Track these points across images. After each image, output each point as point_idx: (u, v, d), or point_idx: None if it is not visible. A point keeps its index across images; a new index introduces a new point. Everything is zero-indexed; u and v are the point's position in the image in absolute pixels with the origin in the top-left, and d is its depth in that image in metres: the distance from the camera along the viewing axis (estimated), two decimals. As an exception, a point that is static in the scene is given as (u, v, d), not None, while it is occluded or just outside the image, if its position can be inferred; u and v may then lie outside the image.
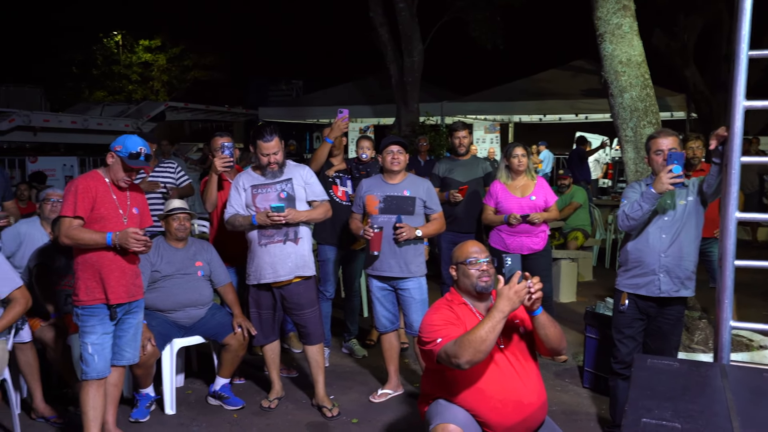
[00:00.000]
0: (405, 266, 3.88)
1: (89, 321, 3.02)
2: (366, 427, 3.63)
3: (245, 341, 3.86)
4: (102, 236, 2.92)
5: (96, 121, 12.81)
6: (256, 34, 23.67)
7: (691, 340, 4.38)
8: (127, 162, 2.97)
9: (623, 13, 4.45)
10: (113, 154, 3.01)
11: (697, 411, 2.01)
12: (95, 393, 3.03)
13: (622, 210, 3.34)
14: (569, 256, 6.84)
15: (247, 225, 3.63)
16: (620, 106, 4.49)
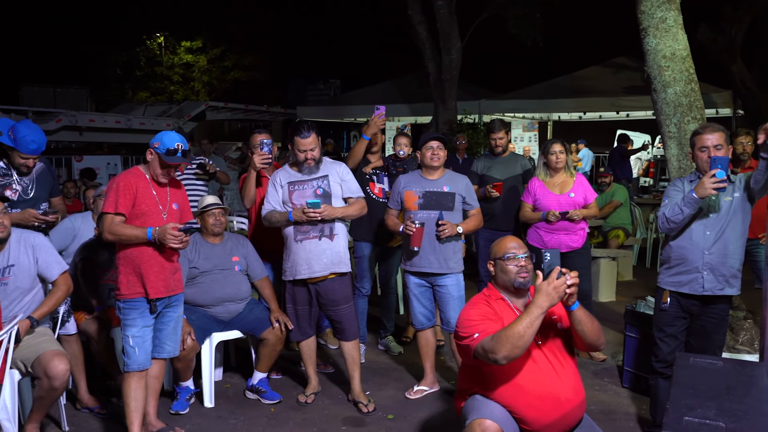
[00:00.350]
0: (444, 262, 3.86)
1: (130, 314, 3.07)
2: (401, 423, 3.61)
3: (282, 336, 3.86)
4: (143, 231, 2.96)
5: (139, 120, 13.11)
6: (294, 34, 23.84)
7: (735, 341, 4.29)
8: (165, 158, 3.00)
9: (668, 6, 4.37)
10: (152, 151, 3.05)
11: (742, 411, 2.00)
12: (137, 385, 3.09)
13: (662, 212, 3.30)
14: (609, 255, 6.78)
15: (283, 221, 3.64)
16: (663, 101, 4.42)
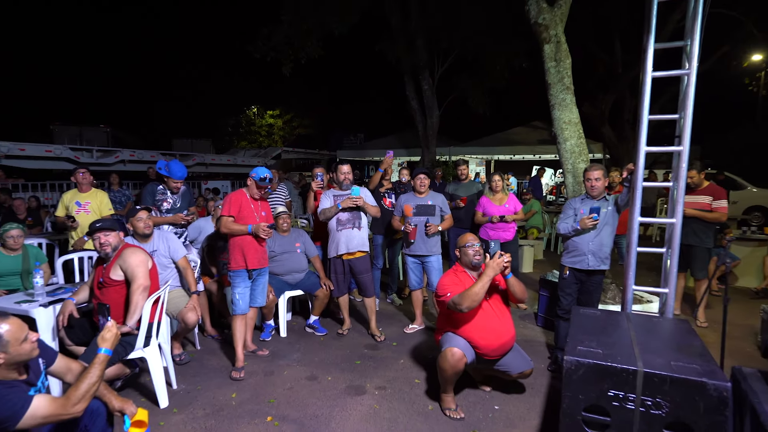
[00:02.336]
0: (429, 248, 4.58)
1: (236, 279, 3.70)
2: (402, 348, 4.28)
3: (328, 293, 4.57)
4: (245, 227, 3.61)
5: (241, 159, 17.21)
6: (334, 104, 32.46)
7: (606, 298, 4.99)
8: (258, 183, 3.67)
9: (566, 91, 5.11)
10: (250, 179, 3.70)
11: (611, 342, 2.45)
12: (240, 322, 3.74)
13: (560, 224, 3.95)
14: (529, 244, 7.95)
15: (334, 210, 4.26)
16: (564, 149, 5.10)
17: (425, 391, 3.49)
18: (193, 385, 3.60)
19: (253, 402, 3.33)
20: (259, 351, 4.15)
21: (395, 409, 3.25)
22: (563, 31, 5.23)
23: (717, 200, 4.84)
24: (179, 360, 3.93)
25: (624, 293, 3.75)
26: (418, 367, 3.94)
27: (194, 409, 3.24)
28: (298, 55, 11.45)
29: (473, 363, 3.17)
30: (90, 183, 4.93)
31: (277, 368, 3.89)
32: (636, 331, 2.70)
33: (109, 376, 3.07)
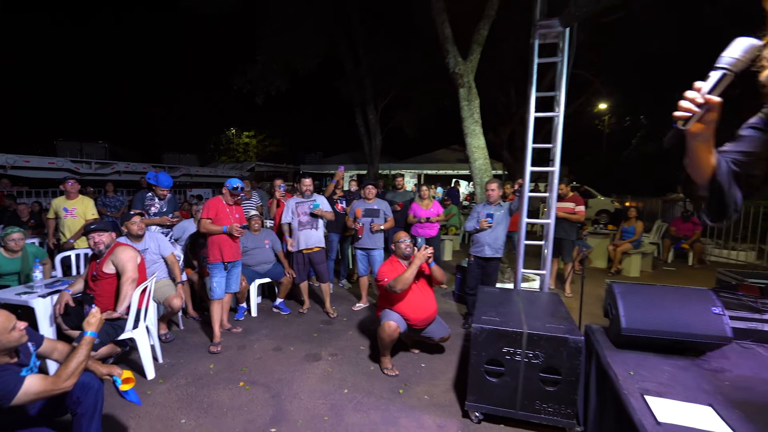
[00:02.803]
0: (374, 243, 4.58)
1: (214, 270, 3.57)
2: (350, 322, 4.25)
3: (291, 279, 4.45)
4: (221, 228, 3.51)
5: (220, 171, 16.43)
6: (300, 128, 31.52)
7: (504, 278, 5.24)
8: (231, 192, 3.59)
9: (476, 124, 5.34)
10: (225, 188, 3.64)
11: (505, 312, 2.61)
12: (217, 305, 3.61)
13: (467, 223, 4.15)
14: (449, 238, 8.05)
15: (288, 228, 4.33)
16: (474, 167, 5.35)
17: (368, 356, 3.50)
18: (177, 359, 3.40)
19: (228, 371, 3.19)
20: (233, 329, 3.99)
21: (345, 371, 3.22)
22: (473, 78, 5.45)
23: (578, 206, 5.20)
24: (165, 338, 3.71)
25: (515, 275, 3.96)
26: (363, 336, 3.93)
27: (177, 378, 3.06)
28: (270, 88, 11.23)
29: (405, 332, 3.21)
30: (77, 191, 4.55)
31: (249, 342, 3.75)
32: (523, 303, 2.84)
33: (102, 354, 2.85)
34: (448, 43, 5.44)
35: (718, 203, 1.01)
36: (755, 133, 1.04)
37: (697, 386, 2.06)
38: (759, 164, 1.02)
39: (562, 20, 3.25)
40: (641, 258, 6.82)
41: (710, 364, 2.30)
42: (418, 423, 2.52)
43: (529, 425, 2.45)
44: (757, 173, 1.02)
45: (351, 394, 2.87)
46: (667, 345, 2.38)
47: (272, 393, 2.86)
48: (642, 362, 2.30)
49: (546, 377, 2.35)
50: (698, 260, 7.54)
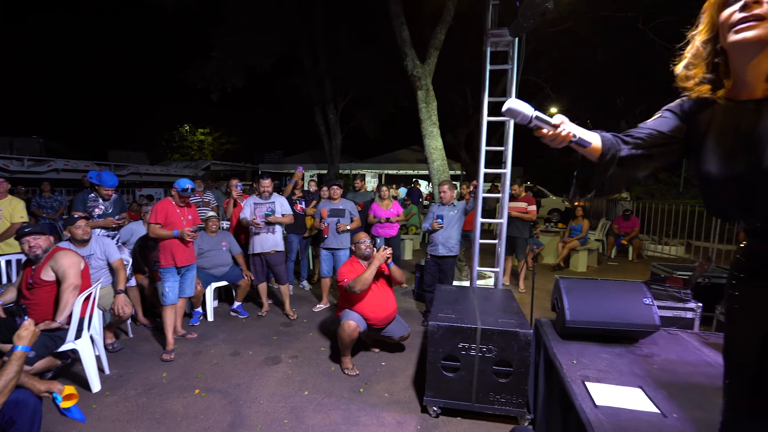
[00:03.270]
0: (339, 243, 4.56)
1: (166, 275, 3.45)
2: (311, 324, 4.22)
3: (249, 282, 4.38)
4: (171, 232, 3.39)
5: (173, 170, 15.37)
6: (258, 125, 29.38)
7: (462, 276, 5.42)
8: (180, 193, 3.46)
9: (434, 126, 5.48)
10: (174, 189, 3.49)
11: (461, 309, 2.71)
12: (170, 311, 3.47)
13: (424, 224, 4.24)
14: (409, 238, 8.18)
15: (246, 223, 4.16)
16: (432, 168, 5.48)
17: (329, 356, 3.49)
18: (126, 369, 3.21)
19: (182, 379, 3.07)
20: (188, 335, 3.84)
21: (305, 372, 3.20)
22: (431, 81, 5.58)
23: (530, 206, 5.49)
24: (112, 348, 3.49)
25: (471, 273, 4.11)
26: (324, 337, 3.92)
27: (126, 390, 2.90)
28: (225, 84, 10.86)
29: (365, 331, 3.24)
30: (6, 191, 4.14)
31: (205, 348, 3.63)
32: (478, 300, 2.96)
33: (39, 368, 2.64)
34: (406, 46, 5.55)
35: (594, 176, 1.14)
36: (669, 115, 1.17)
37: (630, 371, 2.26)
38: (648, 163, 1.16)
39: (511, 30, 3.42)
40: (587, 254, 7.30)
41: (642, 350, 2.53)
42: (378, 420, 2.57)
43: (484, 416, 2.57)
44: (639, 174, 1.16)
45: (311, 395, 2.86)
46: (606, 334, 2.59)
47: (230, 399, 2.80)
48: (584, 351, 2.49)
49: (499, 370, 2.47)
50: (637, 255, 8.18)
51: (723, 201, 1.09)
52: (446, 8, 5.52)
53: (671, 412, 1.87)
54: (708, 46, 1.05)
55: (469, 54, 10.29)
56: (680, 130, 1.16)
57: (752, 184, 0.99)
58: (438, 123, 5.55)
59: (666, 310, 2.85)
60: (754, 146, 0.97)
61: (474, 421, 2.57)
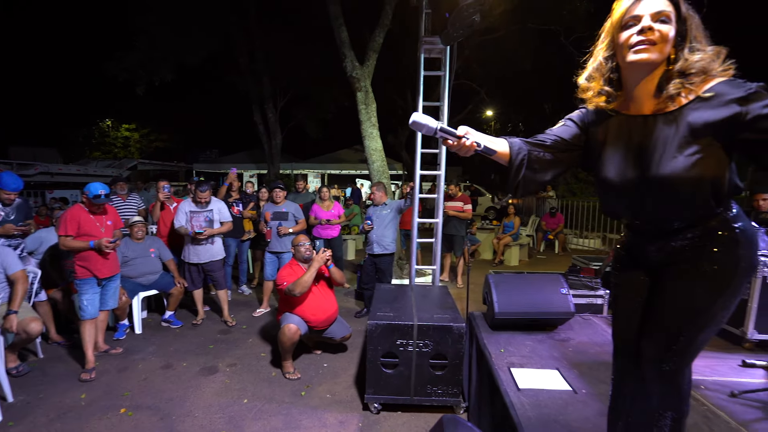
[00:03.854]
0: (284, 246, 4.48)
1: (83, 287, 3.16)
2: (250, 330, 4.12)
3: (182, 290, 4.16)
4: (86, 244, 3.10)
5: (93, 169, 13.53)
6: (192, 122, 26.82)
7: (403, 274, 5.62)
8: (93, 201, 3.13)
9: (373, 128, 5.58)
10: (85, 196, 3.14)
11: (399, 306, 2.82)
12: (90, 326, 3.19)
13: (361, 225, 4.36)
14: (352, 238, 8.22)
15: (185, 232, 4.04)
16: (372, 169, 5.60)
17: (270, 362, 3.43)
18: (34, 394, 2.89)
19: (105, 399, 2.85)
20: (112, 350, 3.55)
21: (244, 380, 3.12)
22: (370, 83, 5.66)
23: (466, 204, 5.78)
24: (16, 372, 3.11)
25: (410, 271, 4.24)
26: (265, 343, 3.84)
27: (35, 417, 2.62)
28: (152, 78, 10.08)
29: (307, 334, 3.23)
30: None
31: (132, 363, 3.39)
32: (416, 297, 3.08)
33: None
34: (345, 48, 5.58)
35: (508, 179, 1.29)
36: (570, 124, 1.33)
37: (549, 355, 2.51)
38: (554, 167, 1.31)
39: (442, 39, 3.60)
40: (519, 249, 7.85)
41: (560, 335, 2.81)
42: (320, 422, 2.59)
43: (423, 408, 2.69)
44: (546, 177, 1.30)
45: (251, 403, 2.80)
46: (530, 323, 2.84)
47: (161, 415, 2.65)
48: (510, 340, 2.71)
49: (435, 363, 2.60)
50: (562, 248, 8.95)
51: (616, 203, 1.26)
52: (384, 12, 5.64)
53: (581, 389, 2.11)
54: (607, 63, 1.20)
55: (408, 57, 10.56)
56: (579, 138, 1.32)
57: (640, 189, 1.16)
58: (377, 125, 5.66)
59: (580, 297, 3.19)
60: (642, 157, 1.14)
61: (413, 413, 2.68)
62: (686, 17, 1.08)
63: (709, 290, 1.11)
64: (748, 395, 2.11)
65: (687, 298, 1.13)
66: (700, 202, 1.08)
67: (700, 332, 1.13)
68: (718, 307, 1.11)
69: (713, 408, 1.98)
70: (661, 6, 1.08)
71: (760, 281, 2.75)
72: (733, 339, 2.92)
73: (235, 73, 11.99)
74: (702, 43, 1.08)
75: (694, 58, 1.06)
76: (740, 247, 1.10)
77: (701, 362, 2.52)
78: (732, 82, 1.03)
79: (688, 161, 1.05)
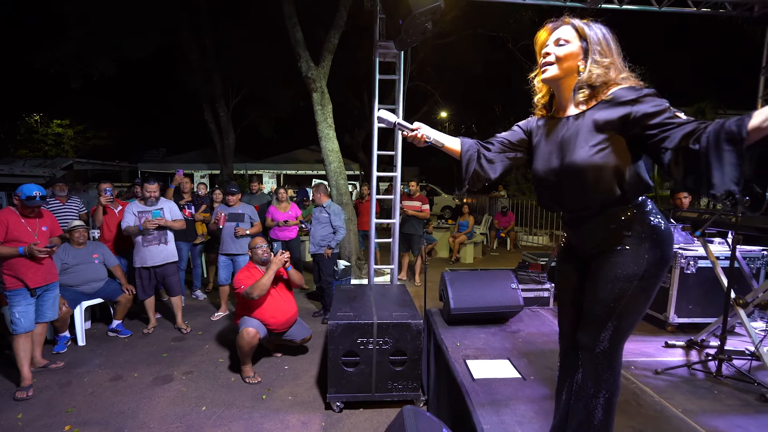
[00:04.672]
0: (239, 248, 4.45)
1: (15, 299, 2.94)
2: (207, 335, 4.00)
3: (130, 297, 3.98)
4: (15, 250, 2.88)
5: (19, 169, 12.18)
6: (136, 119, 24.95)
7: (362, 273, 5.69)
8: (26, 203, 2.94)
9: (330, 129, 5.58)
10: (17, 197, 2.95)
11: (358, 306, 2.87)
12: (24, 340, 2.97)
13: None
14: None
15: (136, 231, 3.86)
16: (329, 170, 5.63)
17: (228, 367, 3.37)
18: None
19: (46, 417, 2.66)
20: (51, 365, 3.31)
21: (202, 387, 3.04)
22: (326, 84, 5.66)
23: (424, 204, 5.96)
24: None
25: (369, 271, 4.33)
26: (222, 348, 3.76)
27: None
28: (90, 70, 9.34)
29: (266, 337, 3.21)
30: None
31: (75, 377, 3.19)
32: (375, 297, 3.15)
33: None
34: (299, 48, 5.54)
35: (459, 174, 1.48)
36: (517, 129, 1.53)
37: (502, 346, 2.68)
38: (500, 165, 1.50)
39: (396, 44, 3.71)
40: (474, 247, 8.19)
41: (511, 328, 3.01)
42: (282, 424, 2.59)
43: (384, 404, 2.77)
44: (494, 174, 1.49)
45: (210, 410, 2.75)
46: (483, 318, 3.02)
47: (111, 429, 2.53)
48: (466, 334, 2.87)
49: (395, 359, 2.69)
50: (513, 245, 9.44)
51: (543, 193, 1.45)
52: (339, 13, 5.66)
53: (530, 375, 2.29)
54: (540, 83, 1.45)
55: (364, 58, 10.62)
56: (523, 141, 1.52)
57: (559, 177, 1.34)
58: (334, 125, 5.67)
59: (528, 291, 3.43)
60: (561, 149, 1.34)
61: (375, 410, 2.75)
62: (586, 36, 1.29)
63: (624, 280, 1.26)
64: (669, 371, 2.40)
65: (605, 287, 1.29)
66: (605, 188, 1.25)
67: (621, 319, 1.28)
68: (633, 296, 1.26)
69: (641, 385, 2.23)
70: (560, 34, 1.32)
71: (679, 272, 3.11)
72: (658, 323, 3.28)
73: (184, 70, 11.42)
74: (607, 53, 1.28)
75: (594, 71, 1.26)
76: (652, 241, 1.26)
77: (631, 345, 2.81)
78: (630, 88, 1.22)
79: (591, 150, 1.24)
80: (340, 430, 2.54)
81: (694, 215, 2.67)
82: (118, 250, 4.23)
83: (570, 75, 1.33)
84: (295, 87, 11.11)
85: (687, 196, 4.14)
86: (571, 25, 1.32)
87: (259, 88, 12.01)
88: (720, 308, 2.63)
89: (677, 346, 2.79)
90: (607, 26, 1.32)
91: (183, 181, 4.87)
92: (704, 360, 2.53)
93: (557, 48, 1.32)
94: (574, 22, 1.32)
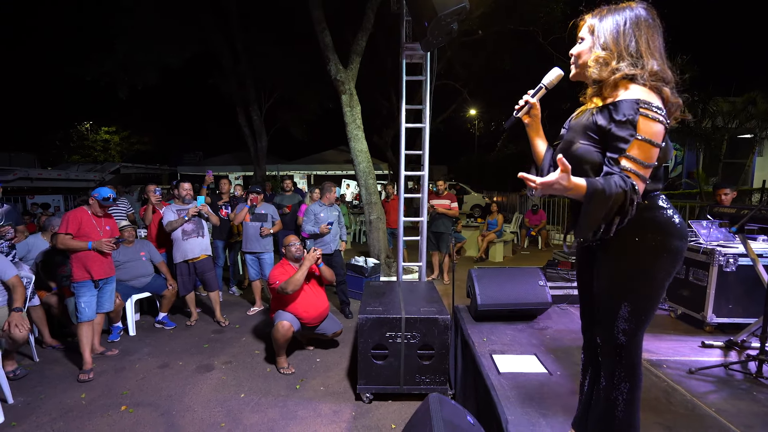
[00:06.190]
0: (263, 247, 4.65)
1: (81, 290, 3.23)
2: (243, 329, 4.21)
3: (174, 291, 4.22)
4: (85, 244, 3.20)
5: (74, 173, 13.40)
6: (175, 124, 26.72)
7: (391, 272, 5.72)
8: (101, 203, 3.29)
9: (358, 129, 5.69)
10: (93, 198, 3.29)
11: (387, 302, 2.96)
12: (87, 328, 3.25)
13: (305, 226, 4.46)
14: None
15: (180, 222, 4.06)
16: (358, 170, 5.73)
17: (264, 358, 3.55)
18: (34, 396, 2.96)
19: (105, 397, 2.93)
20: (107, 352, 3.62)
21: (240, 376, 3.24)
22: (354, 86, 5.79)
23: (453, 203, 5.98)
24: (13, 376, 3.18)
25: (397, 268, 4.40)
26: (258, 341, 3.95)
27: (38, 417, 2.70)
28: (135, 81, 10.00)
29: (299, 331, 3.34)
30: None
31: (129, 364, 3.47)
32: (403, 293, 3.23)
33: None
34: (329, 51, 5.70)
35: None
36: (563, 131, 1.52)
37: (528, 342, 2.70)
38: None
39: (422, 46, 3.77)
40: (503, 245, 8.10)
41: (538, 325, 3.02)
42: (315, 412, 2.73)
43: (412, 396, 2.85)
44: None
45: (248, 397, 2.93)
46: (510, 314, 3.04)
47: (161, 411, 2.76)
48: (492, 330, 2.90)
49: (422, 353, 2.76)
50: (545, 244, 9.24)
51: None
52: (366, 17, 5.78)
53: (556, 371, 2.30)
54: None
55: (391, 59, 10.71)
56: None
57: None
58: (362, 126, 5.78)
59: (557, 289, 3.40)
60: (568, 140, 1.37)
61: (403, 402, 2.84)
62: (594, 30, 1.31)
63: (625, 272, 1.28)
64: (704, 371, 2.34)
65: (609, 279, 1.31)
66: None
67: (629, 311, 1.28)
68: (637, 288, 1.27)
69: (672, 383, 2.20)
70: (582, 30, 1.34)
71: (717, 269, 3.00)
72: (695, 323, 3.17)
73: (218, 76, 11.97)
74: (610, 45, 1.26)
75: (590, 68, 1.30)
76: (650, 232, 1.26)
77: (664, 344, 2.75)
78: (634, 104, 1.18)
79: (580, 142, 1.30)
80: (370, 419, 2.65)
81: (732, 211, 2.58)
82: (161, 247, 4.51)
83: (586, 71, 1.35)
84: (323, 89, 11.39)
85: (728, 193, 3.96)
86: (586, 21, 1.34)
87: (289, 91, 12.39)
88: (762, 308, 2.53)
89: (715, 347, 2.71)
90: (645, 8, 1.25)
91: (222, 182, 5.13)
92: (743, 360, 2.45)
93: (576, 47, 1.37)
94: (587, 17, 1.34)
